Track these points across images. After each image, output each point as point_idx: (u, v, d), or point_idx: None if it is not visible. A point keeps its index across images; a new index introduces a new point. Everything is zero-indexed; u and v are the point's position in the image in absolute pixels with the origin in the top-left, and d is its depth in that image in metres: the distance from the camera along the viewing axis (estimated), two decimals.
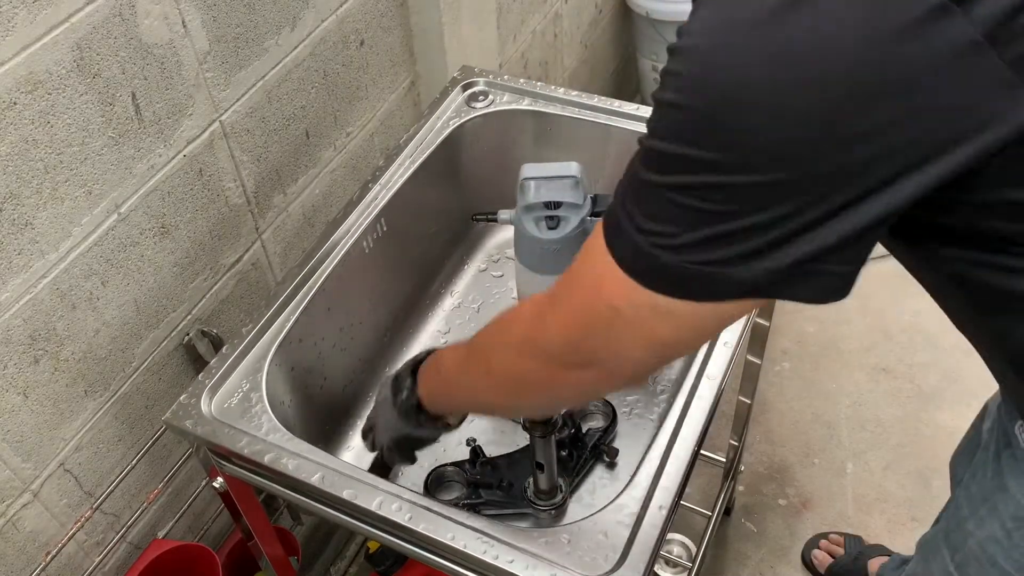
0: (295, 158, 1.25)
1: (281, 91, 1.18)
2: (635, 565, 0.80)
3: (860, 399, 1.96)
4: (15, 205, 0.87)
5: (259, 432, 0.94)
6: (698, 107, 0.51)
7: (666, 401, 1.18)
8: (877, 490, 1.81)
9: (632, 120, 1.24)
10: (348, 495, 0.87)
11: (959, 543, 0.86)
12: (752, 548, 1.74)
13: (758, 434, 1.91)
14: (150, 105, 0.98)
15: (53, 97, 0.87)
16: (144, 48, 0.95)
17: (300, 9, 1.15)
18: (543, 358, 0.65)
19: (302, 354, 1.07)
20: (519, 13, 1.74)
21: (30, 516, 1.01)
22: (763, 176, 0.50)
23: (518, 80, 1.31)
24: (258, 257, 1.25)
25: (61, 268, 0.95)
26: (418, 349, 1.27)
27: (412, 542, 0.88)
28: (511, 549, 0.81)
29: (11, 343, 0.92)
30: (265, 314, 1.04)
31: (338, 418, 1.18)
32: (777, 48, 0.48)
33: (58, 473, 1.03)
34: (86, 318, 1.00)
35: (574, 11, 2.02)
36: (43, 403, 0.98)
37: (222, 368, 0.99)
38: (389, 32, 1.36)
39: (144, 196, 1.02)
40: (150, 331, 1.10)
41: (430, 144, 1.24)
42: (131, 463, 1.12)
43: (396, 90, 1.43)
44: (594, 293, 0.59)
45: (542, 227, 0.98)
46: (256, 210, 1.21)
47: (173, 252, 1.09)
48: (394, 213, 1.18)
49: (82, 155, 0.93)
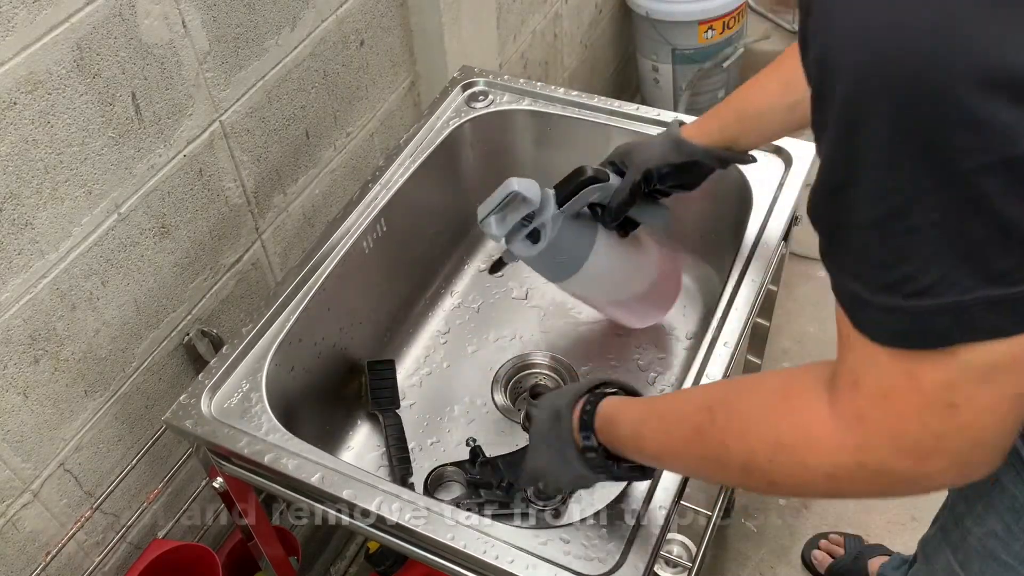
0: (295, 158, 1.25)
1: (281, 91, 1.18)
2: (635, 565, 0.80)
3: None
4: (15, 205, 0.87)
5: (259, 432, 0.94)
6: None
7: None
8: None
9: (632, 120, 1.24)
10: (348, 495, 0.87)
11: (959, 541, 0.86)
12: (752, 548, 1.74)
13: None
14: (150, 105, 0.98)
15: (53, 97, 0.87)
16: (144, 48, 0.95)
17: (300, 9, 1.15)
18: (873, 475, 0.54)
19: (302, 354, 1.07)
20: (519, 13, 1.74)
21: (30, 516, 1.01)
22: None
23: (518, 80, 1.31)
24: (258, 257, 1.25)
25: (61, 268, 0.95)
26: (418, 349, 1.28)
27: (412, 542, 0.88)
28: (511, 549, 0.82)
29: (11, 343, 0.92)
30: (265, 314, 1.04)
31: (338, 418, 1.18)
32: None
33: (58, 473, 1.03)
34: (86, 318, 1.00)
35: (574, 11, 2.02)
36: (43, 403, 0.98)
37: (222, 368, 0.99)
38: (389, 32, 1.36)
39: (144, 196, 1.02)
40: (150, 331, 1.10)
41: (430, 144, 1.24)
42: (131, 463, 1.12)
43: (396, 90, 1.43)
44: (911, 399, 0.50)
45: (530, 246, 1.00)
46: (256, 210, 1.21)
47: (173, 252, 1.09)
48: (394, 213, 1.18)
49: (82, 155, 0.93)
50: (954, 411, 0.49)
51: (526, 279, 1.35)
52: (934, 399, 0.50)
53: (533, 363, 1.25)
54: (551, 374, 1.24)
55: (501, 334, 1.28)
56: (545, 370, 1.25)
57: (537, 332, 1.28)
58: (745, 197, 1.13)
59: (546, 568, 0.80)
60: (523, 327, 1.29)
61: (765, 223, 1.09)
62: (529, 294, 1.33)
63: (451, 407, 1.20)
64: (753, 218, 1.10)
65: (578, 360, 1.24)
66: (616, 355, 1.25)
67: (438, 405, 1.21)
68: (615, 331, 1.27)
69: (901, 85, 0.44)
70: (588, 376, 0.90)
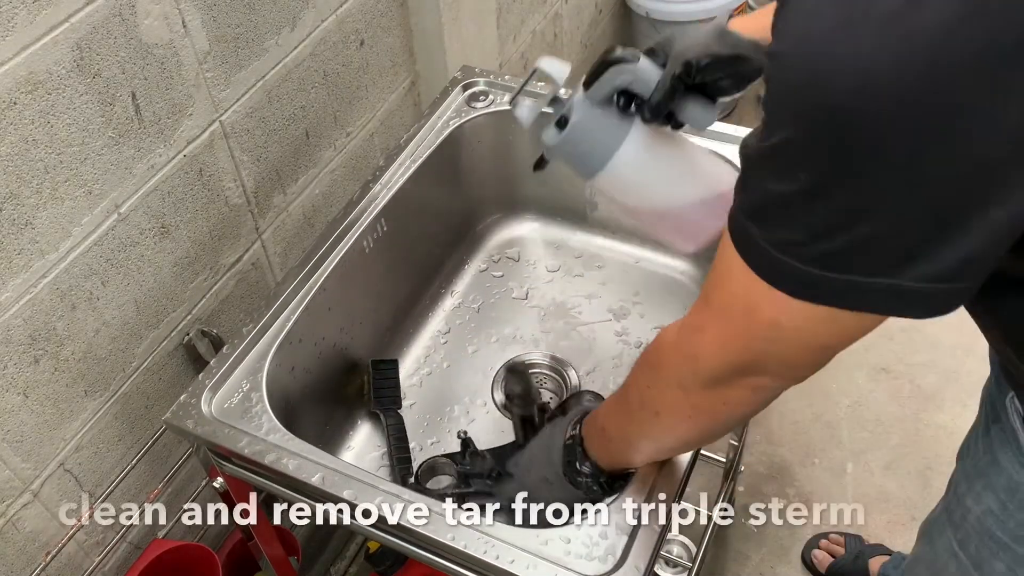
0: (295, 158, 1.25)
1: (281, 91, 1.18)
2: (635, 565, 0.80)
3: (860, 399, 1.96)
4: (15, 205, 0.87)
5: (259, 432, 0.94)
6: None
7: None
8: (877, 490, 1.81)
9: None
10: (348, 495, 0.87)
11: (960, 521, 0.87)
12: (752, 548, 1.74)
13: (758, 434, 1.91)
14: (150, 105, 0.98)
15: (53, 97, 0.87)
16: (144, 48, 0.95)
17: (300, 9, 1.15)
18: (707, 384, 0.66)
19: (302, 354, 1.07)
20: (519, 13, 1.74)
21: (30, 516, 1.01)
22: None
23: (518, 80, 1.31)
24: (258, 257, 1.25)
25: (61, 268, 0.95)
26: (418, 349, 1.28)
27: (412, 542, 0.88)
28: (511, 549, 0.81)
29: (11, 343, 0.92)
30: (265, 314, 1.04)
31: (338, 418, 1.18)
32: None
33: (58, 473, 1.03)
34: (86, 318, 1.00)
35: (574, 11, 2.02)
36: (43, 403, 0.98)
37: (222, 368, 0.99)
38: (389, 32, 1.36)
39: (144, 196, 1.02)
40: (150, 331, 1.10)
41: (430, 144, 1.24)
42: (131, 463, 1.12)
43: (396, 90, 1.43)
44: (749, 313, 0.59)
45: (557, 133, 0.93)
46: (256, 210, 1.21)
47: (173, 252, 1.09)
48: (394, 213, 1.18)
49: (82, 155, 0.93)
50: (773, 344, 0.60)
51: (526, 279, 1.35)
52: (761, 331, 0.60)
53: (533, 363, 1.25)
54: (551, 374, 1.24)
55: (501, 334, 1.28)
56: (545, 370, 1.25)
57: (537, 332, 1.28)
58: None
59: (546, 568, 0.80)
60: (523, 327, 1.29)
61: None
62: (529, 294, 1.33)
63: (451, 407, 1.20)
64: None
65: (578, 360, 1.24)
66: (616, 355, 1.25)
67: (438, 405, 1.21)
68: (615, 331, 1.27)
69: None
70: (569, 415, 0.95)
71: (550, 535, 0.83)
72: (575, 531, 0.83)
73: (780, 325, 0.58)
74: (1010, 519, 0.79)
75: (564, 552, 0.81)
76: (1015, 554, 0.80)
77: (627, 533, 0.82)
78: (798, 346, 0.60)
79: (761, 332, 0.60)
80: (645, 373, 0.76)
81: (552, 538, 0.82)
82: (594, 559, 0.81)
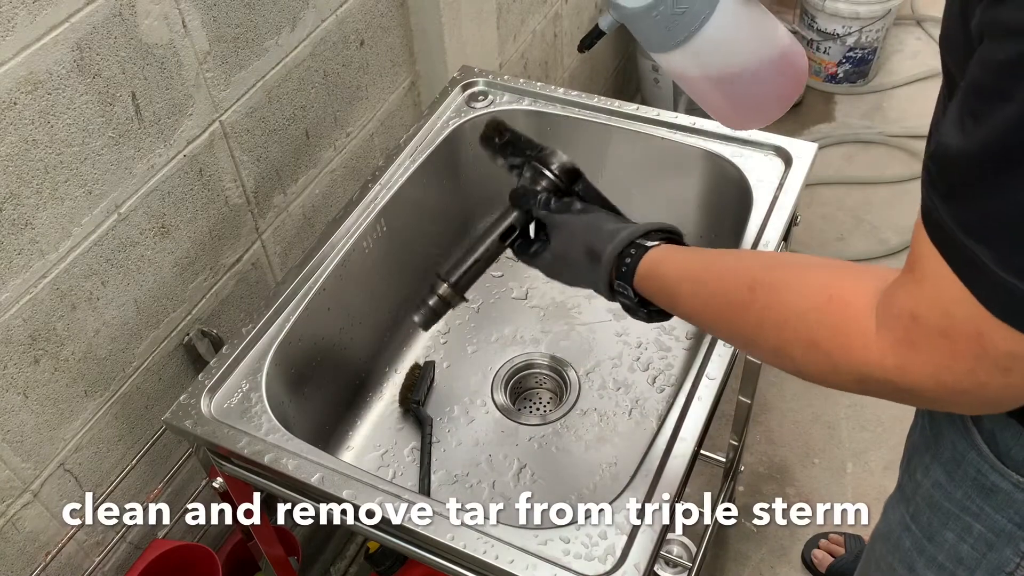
0: (295, 158, 1.25)
1: (281, 91, 1.18)
2: (635, 565, 0.80)
3: (860, 399, 1.96)
4: (15, 205, 0.87)
5: (259, 432, 0.94)
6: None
7: (666, 401, 1.18)
8: (877, 490, 1.81)
9: (632, 120, 1.24)
10: (348, 495, 0.87)
11: (911, 494, 0.88)
12: (752, 548, 1.74)
13: (758, 434, 1.91)
14: (150, 105, 0.98)
15: (53, 97, 0.87)
16: (144, 48, 0.95)
17: (300, 9, 1.15)
18: (903, 394, 0.58)
19: (302, 354, 1.07)
20: (519, 13, 1.74)
21: (30, 516, 1.01)
22: None
23: (518, 80, 1.31)
24: (258, 257, 1.25)
25: (61, 268, 0.95)
26: (418, 349, 1.28)
27: (412, 542, 0.88)
28: (511, 549, 0.81)
29: (11, 343, 0.92)
30: (265, 314, 1.04)
31: (338, 418, 1.18)
32: None
33: (58, 473, 1.03)
34: (86, 318, 1.00)
35: (574, 11, 2.02)
36: (43, 403, 0.98)
37: (222, 368, 0.99)
38: (389, 32, 1.36)
39: (144, 196, 1.02)
40: (150, 331, 1.10)
41: (430, 144, 1.24)
42: (131, 463, 1.12)
43: (396, 90, 1.43)
44: (978, 339, 0.51)
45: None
46: (256, 210, 1.21)
47: (173, 252, 1.09)
48: (394, 213, 1.18)
49: (82, 155, 0.93)
50: (1007, 375, 0.51)
51: (526, 279, 1.35)
52: (994, 361, 0.51)
53: (533, 363, 1.25)
54: (551, 374, 1.24)
55: (501, 334, 1.28)
56: (545, 370, 1.25)
57: (537, 332, 1.28)
58: (745, 197, 1.13)
59: (546, 568, 0.80)
60: (523, 327, 1.29)
61: (765, 223, 1.09)
62: (529, 294, 1.33)
63: (451, 407, 1.20)
64: (753, 218, 1.10)
65: (578, 360, 1.24)
66: (616, 355, 1.25)
67: (438, 405, 1.21)
68: (615, 331, 1.27)
69: None
70: (630, 228, 0.79)
71: (549, 535, 0.83)
72: (575, 531, 0.83)
73: (1018, 355, 0.50)
74: (956, 490, 0.80)
75: (564, 552, 0.81)
76: (963, 523, 0.80)
77: (626, 533, 0.82)
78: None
79: (994, 362, 0.51)
80: (801, 348, 0.62)
81: (551, 538, 0.82)
82: (594, 559, 0.81)
